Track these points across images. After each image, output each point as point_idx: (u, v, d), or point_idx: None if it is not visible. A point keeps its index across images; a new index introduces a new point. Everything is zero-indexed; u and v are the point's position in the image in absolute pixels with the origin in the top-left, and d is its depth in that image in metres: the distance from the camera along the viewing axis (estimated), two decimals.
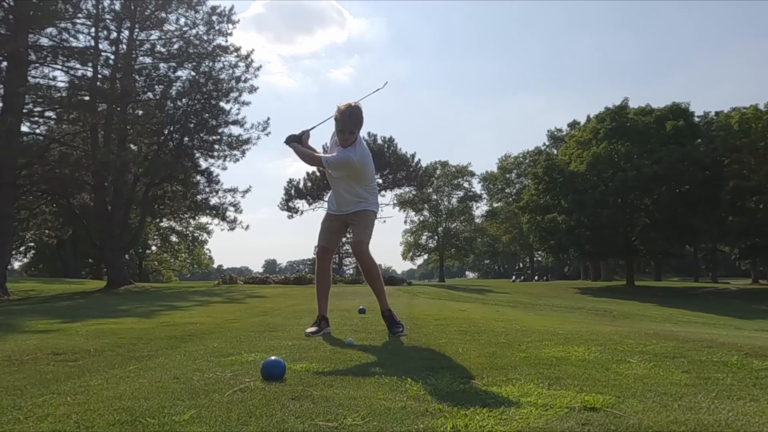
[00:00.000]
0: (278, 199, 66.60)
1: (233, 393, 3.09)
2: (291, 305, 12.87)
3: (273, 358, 3.58)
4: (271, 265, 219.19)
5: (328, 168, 5.87)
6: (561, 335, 5.73)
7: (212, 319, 8.61)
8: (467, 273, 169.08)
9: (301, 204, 61.57)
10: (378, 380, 3.44)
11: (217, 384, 3.33)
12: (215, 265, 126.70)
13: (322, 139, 33.71)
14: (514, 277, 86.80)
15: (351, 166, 5.79)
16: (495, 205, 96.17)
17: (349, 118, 5.66)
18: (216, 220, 35.63)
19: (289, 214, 61.74)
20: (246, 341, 5.44)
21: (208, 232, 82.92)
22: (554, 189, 55.33)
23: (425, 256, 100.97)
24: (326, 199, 8.23)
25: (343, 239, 8.94)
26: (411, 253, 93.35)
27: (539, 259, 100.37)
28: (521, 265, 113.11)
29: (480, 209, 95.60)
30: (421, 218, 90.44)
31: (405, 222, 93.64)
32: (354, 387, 3.25)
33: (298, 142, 6.20)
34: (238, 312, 10.59)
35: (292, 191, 61.38)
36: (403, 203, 70.39)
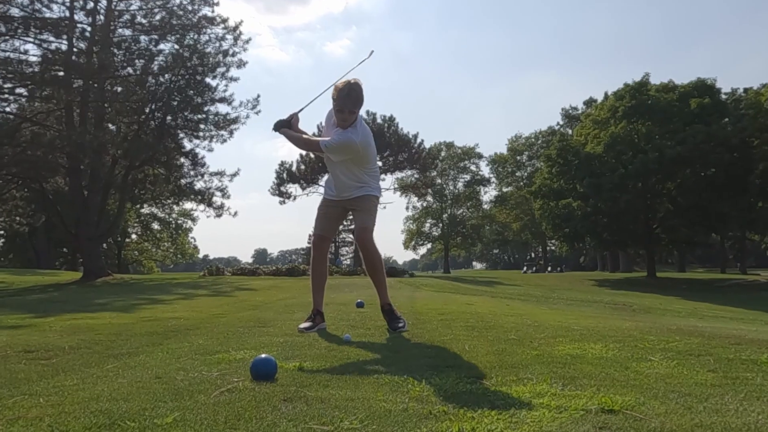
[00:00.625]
0: (269, 184, 66.74)
1: (220, 394, 3.08)
2: (283, 298, 12.88)
3: (263, 356, 3.57)
4: (261, 255, 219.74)
5: (328, 152, 5.84)
6: (576, 331, 5.73)
7: (197, 313, 8.62)
8: (474, 264, 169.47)
9: (294, 189, 61.65)
10: (377, 380, 3.44)
11: (203, 384, 3.32)
12: (201, 255, 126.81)
13: (314, 118, 33.65)
14: (525, 268, 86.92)
15: (353, 149, 5.78)
16: (504, 189, 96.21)
17: (347, 97, 5.64)
18: (201, 206, 35.69)
19: (281, 199, 61.81)
20: (234, 338, 5.45)
21: (193, 219, 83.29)
22: (569, 172, 55.28)
23: (429, 245, 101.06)
24: (322, 183, 8.23)
25: (340, 227, 8.92)
26: (413, 242, 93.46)
27: (552, 248, 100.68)
28: (533, 255, 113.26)
29: (488, 194, 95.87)
30: (425, 204, 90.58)
31: (407, 208, 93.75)
32: (351, 387, 3.25)
33: (287, 127, 6.17)
34: (226, 306, 10.59)
35: (285, 175, 61.37)
36: (404, 188, 70.44)
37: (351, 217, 6.28)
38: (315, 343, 4.99)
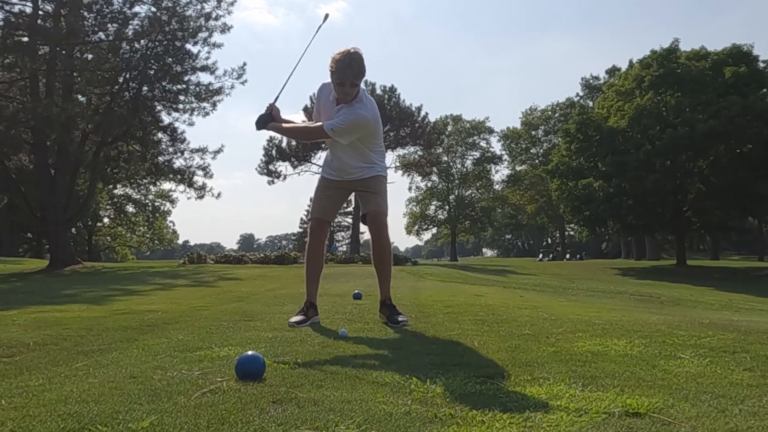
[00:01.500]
0: (256, 162, 66.64)
1: (202, 395, 3.08)
2: (271, 289, 12.89)
3: (250, 353, 3.57)
4: (247, 241, 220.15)
5: (336, 136, 5.77)
6: (598, 325, 5.73)
7: (176, 306, 8.62)
8: (484, 250, 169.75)
9: (284, 167, 61.75)
10: (377, 380, 3.44)
11: (183, 384, 3.32)
12: (180, 241, 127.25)
13: (296, 94, 33.34)
14: (541, 256, 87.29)
15: (365, 126, 5.79)
16: (518, 168, 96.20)
17: (349, 68, 5.56)
18: (181, 187, 35.67)
19: (270, 179, 61.86)
20: (217, 333, 5.45)
21: (172, 201, 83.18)
22: (589, 149, 55.24)
23: (434, 230, 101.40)
24: (316, 161, 8.20)
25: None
26: (417, 227, 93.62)
27: (571, 233, 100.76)
28: (549, 240, 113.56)
29: (500, 173, 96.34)
30: (429, 184, 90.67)
31: (410, 189, 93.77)
32: (348, 388, 3.25)
33: (272, 121, 6.07)
34: (208, 297, 10.61)
35: (273, 152, 61.39)
36: (407, 166, 70.44)
37: (351, 199, 6.29)
38: (307, 338, 4.99)
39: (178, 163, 35.12)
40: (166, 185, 43.03)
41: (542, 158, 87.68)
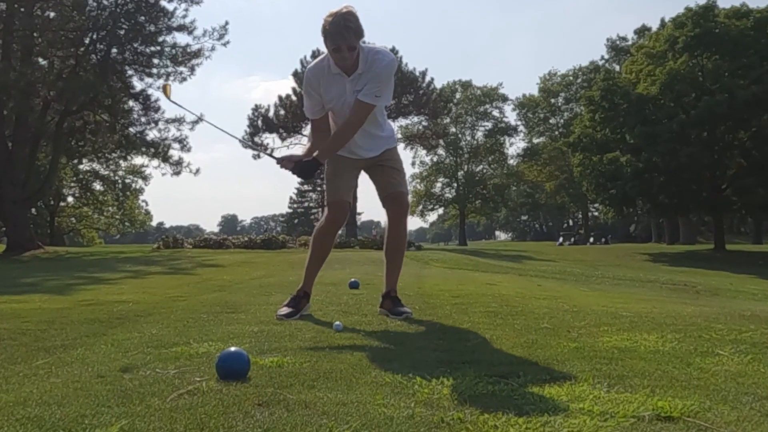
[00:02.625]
0: (240, 133, 66.53)
1: (178, 397, 3.08)
2: (257, 277, 12.91)
3: (232, 349, 3.57)
4: (230, 223, 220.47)
5: (382, 101, 5.82)
6: (625, 318, 5.74)
7: (150, 296, 8.64)
8: (497, 233, 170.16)
9: (271, 139, 61.78)
10: (376, 379, 3.45)
11: (157, 385, 3.32)
12: (154, 223, 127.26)
13: None
14: (561, 239, 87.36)
15: (394, 68, 5.85)
16: (535, 140, 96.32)
17: (345, 30, 5.50)
18: (155, 162, 35.80)
19: (256, 153, 61.81)
20: (196, 327, 5.46)
21: (145, 178, 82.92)
22: (616, 119, 55.18)
23: (440, 211, 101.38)
24: (306, 132, 8.14)
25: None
26: (421, 207, 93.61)
27: (596, 214, 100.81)
28: (571, 222, 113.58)
29: (515, 146, 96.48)
30: (435, 158, 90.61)
31: (413, 164, 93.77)
32: (343, 389, 3.25)
33: (314, 163, 5.83)
34: (186, 287, 10.63)
35: (259, 122, 61.36)
36: (410, 138, 70.44)
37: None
38: (297, 333, 4.99)
39: (152, 134, 35.20)
40: (138, 160, 43.09)
41: (563, 129, 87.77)
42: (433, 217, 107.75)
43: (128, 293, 9.20)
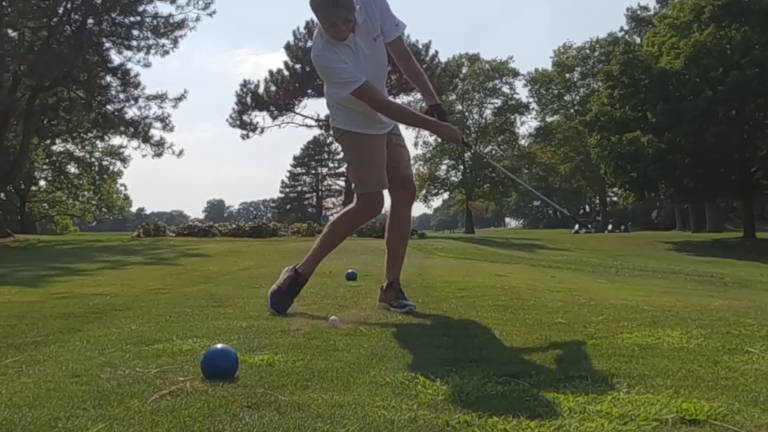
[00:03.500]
0: (227, 111, 66.52)
1: (160, 398, 3.08)
2: (246, 268, 12.93)
3: (219, 346, 3.57)
4: (216, 209, 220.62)
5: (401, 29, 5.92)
6: (647, 312, 5.75)
7: (129, 288, 8.64)
8: (507, 220, 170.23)
9: (261, 118, 61.67)
10: (375, 379, 3.45)
11: (137, 385, 3.32)
12: (134, 209, 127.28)
13: None
14: (577, 227, 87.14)
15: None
16: (549, 119, 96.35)
17: (336, 5, 5.47)
18: (135, 142, 35.82)
19: (244, 132, 61.83)
20: (179, 322, 5.47)
21: (123, 160, 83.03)
22: (636, 95, 55.12)
23: (445, 196, 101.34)
24: (299, 110, 8.08)
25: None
26: (424, 191, 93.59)
27: (614, 199, 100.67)
28: (587, 208, 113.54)
29: (527, 126, 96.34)
30: (440, 139, 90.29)
31: (416, 145, 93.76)
32: (340, 389, 3.25)
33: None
34: (168, 278, 10.64)
35: (248, 99, 61.24)
36: None
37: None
38: (289, 328, 4.99)
39: (131, 113, 35.20)
40: (117, 140, 43.09)
41: (578, 107, 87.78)
42: (437, 202, 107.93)
43: (105, 285, 9.21)
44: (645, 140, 54.11)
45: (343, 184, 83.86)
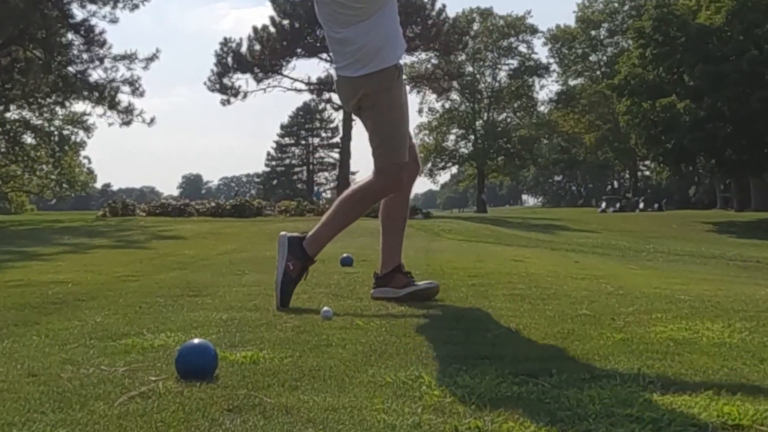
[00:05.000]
0: (205, 73, 66.50)
1: (129, 400, 3.08)
2: (226, 252, 12.94)
3: (196, 341, 3.57)
4: (193, 185, 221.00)
5: None
6: (683, 302, 5.75)
7: (94, 275, 8.64)
8: (525, 198, 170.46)
9: (243, 81, 61.62)
10: (374, 379, 3.44)
11: (102, 385, 3.32)
12: (98, 185, 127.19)
13: None
14: (603, 205, 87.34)
15: None
16: (572, 82, 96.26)
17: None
18: (100, 109, 35.73)
19: (225, 97, 61.78)
20: (151, 313, 5.46)
21: (87, 129, 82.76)
22: (672, 55, 55.04)
23: (454, 170, 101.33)
24: (286, 71, 7.98)
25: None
26: (430, 164, 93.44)
27: (647, 173, 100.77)
28: (616, 184, 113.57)
29: (547, 90, 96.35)
30: (448, 105, 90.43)
31: (420, 112, 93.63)
32: (334, 390, 3.25)
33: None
34: (138, 264, 10.65)
35: (229, 60, 61.12)
36: (417, 79, 70.17)
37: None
38: (276, 321, 4.99)
39: (96, 75, 35.16)
40: (79, 106, 43.07)
41: (606, 69, 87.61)
42: (445, 177, 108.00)
43: (66, 272, 9.20)
44: (681, 106, 54.04)
45: (337, 156, 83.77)
